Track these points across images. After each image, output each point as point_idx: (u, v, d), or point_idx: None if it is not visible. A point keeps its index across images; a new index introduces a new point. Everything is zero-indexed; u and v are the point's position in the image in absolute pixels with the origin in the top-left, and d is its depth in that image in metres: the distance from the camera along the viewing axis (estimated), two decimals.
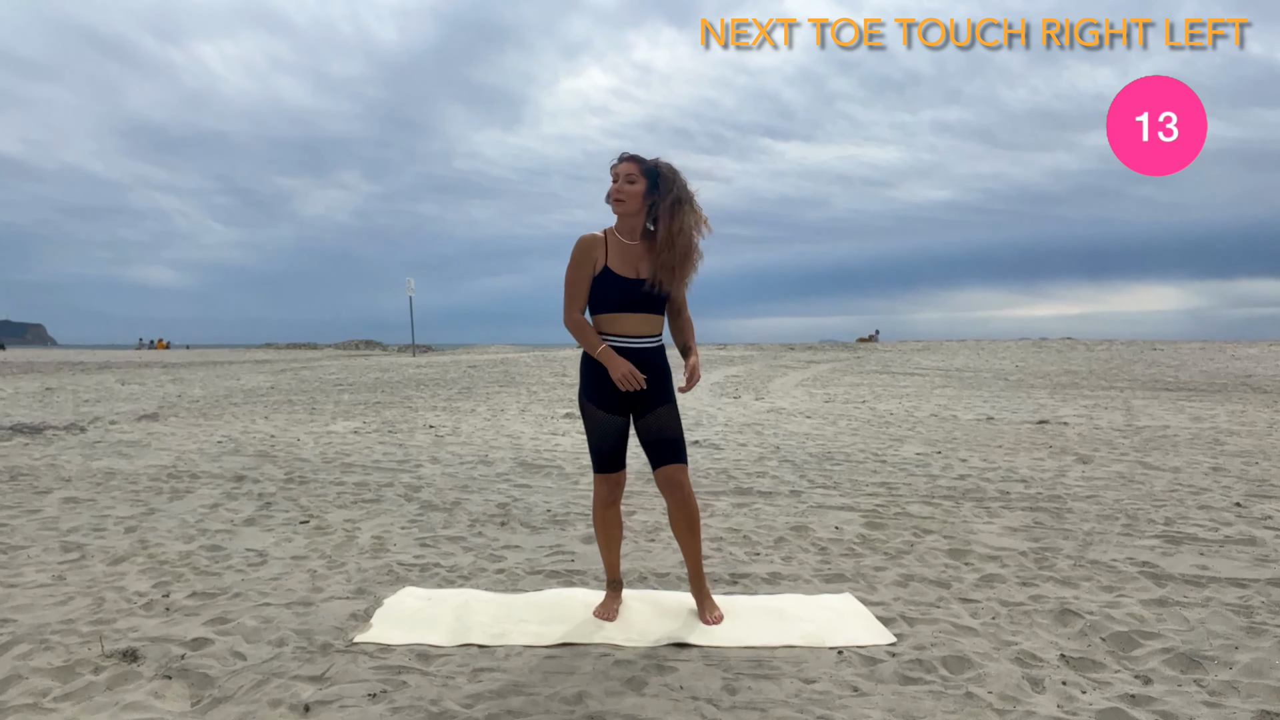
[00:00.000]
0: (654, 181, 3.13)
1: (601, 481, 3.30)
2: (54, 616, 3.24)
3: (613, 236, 3.19)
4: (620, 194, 3.13)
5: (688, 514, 3.26)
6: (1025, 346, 31.30)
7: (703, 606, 3.30)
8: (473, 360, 25.94)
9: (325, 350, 46.83)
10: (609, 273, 3.13)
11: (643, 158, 3.15)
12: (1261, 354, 24.08)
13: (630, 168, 3.13)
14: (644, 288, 3.13)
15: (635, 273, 3.15)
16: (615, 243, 3.17)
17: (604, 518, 3.34)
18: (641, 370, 3.13)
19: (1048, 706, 2.52)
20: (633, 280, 3.13)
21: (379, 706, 2.51)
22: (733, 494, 5.66)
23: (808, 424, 9.72)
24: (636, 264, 3.16)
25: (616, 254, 3.15)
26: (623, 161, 3.15)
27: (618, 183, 3.13)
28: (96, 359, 32.68)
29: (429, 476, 6.29)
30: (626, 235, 3.18)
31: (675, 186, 3.13)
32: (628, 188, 3.12)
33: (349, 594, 3.56)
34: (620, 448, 3.27)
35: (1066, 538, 4.49)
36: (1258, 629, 3.13)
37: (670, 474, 3.22)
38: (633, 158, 3.15)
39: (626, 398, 3.19)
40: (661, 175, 3.13)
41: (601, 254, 3.16)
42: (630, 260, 3.16)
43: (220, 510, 5.13)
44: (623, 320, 3.15)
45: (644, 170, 3.13)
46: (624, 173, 3.14)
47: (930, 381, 16.90)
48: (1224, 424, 9.46)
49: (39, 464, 6.73)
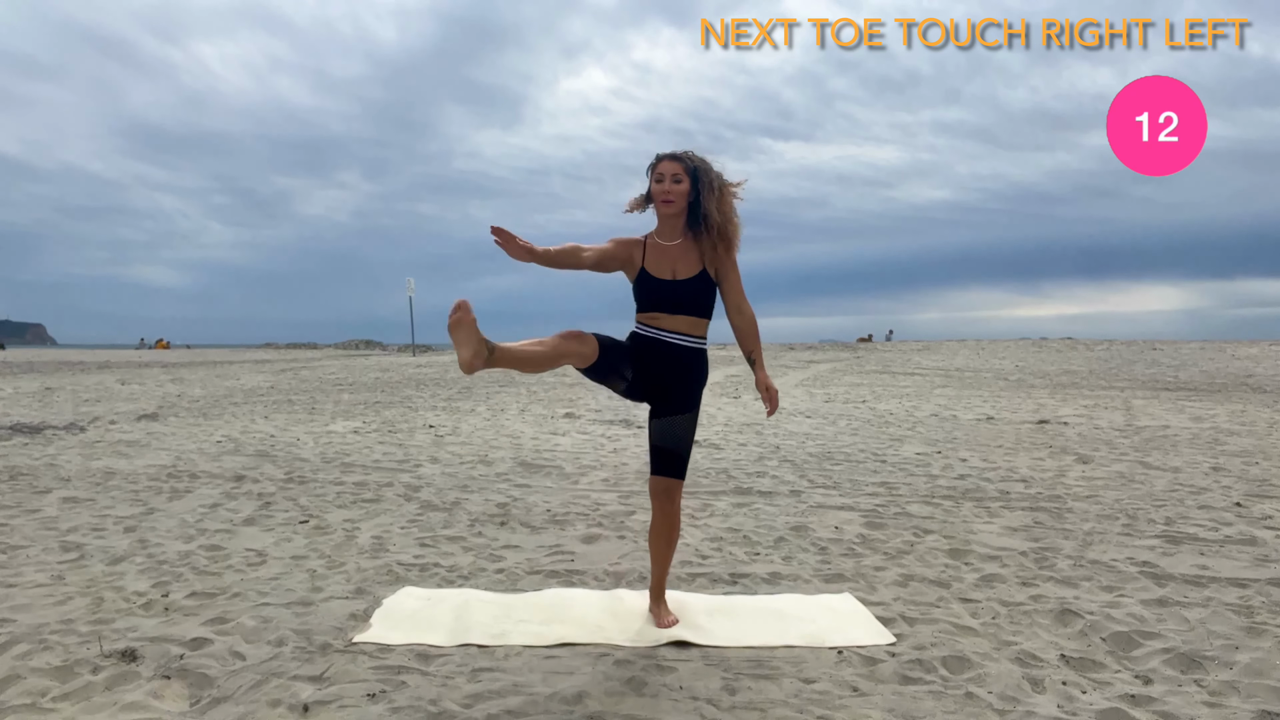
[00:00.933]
0: (695, 178, 3.08)
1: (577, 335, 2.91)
2: (53, 616, 3.23)
3: (651, 240, 3.16)
4: (670, 195, 3.06)
5: (669, 526, 3.19)
6: (1025, 346, 31.31)
7: (659, 610, 3.25)
8: None
9: (325, 350, 46.83)
10: (645, 275, 3.11)
11: (681, 155, 3.09)
12: (1261, 354, 24.08)
13: (676, 167, 3.07)
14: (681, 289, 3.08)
15: (672, 274, 3.10)
16: (653, 245, 3.14)
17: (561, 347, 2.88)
18: (669, 363, 3.08)
19: (1048, 706, 2.52)
20: (669, 282, 3.09)
21: (378, 706, 2.51)
22: (733, 494, 5.66)
23: (808, 424, 9.72)
24: (674, 265, 3.11)
25: (654, 257, 3.12)
26: (665, 161, 3.09)
27: (664, 184, 3.06)
28: (96, 359, 32.68)
29: (429, 476, 6.29)
30: (666, 237, 3.14)
31: (713, 176, 3.09)
32: (675, 188, 3.06)
33: (348, 594, 3.56)
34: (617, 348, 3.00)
35: (1066, 538, 4.49)
36: (1258, 629, 3.13)
37: (666, 486, 3.15)
38: (673, 157, 3.09)
39: (648, 390, 3.12)
40: (699, 170, 3.08)
41: (639, 255, 3.14)
42: (667, 262, 3.11)
43: (220, 510, 5.13)
44: (662, 319, 3.10)
45: (686, 169, 3.07)
46: (670, 173, 3.06)
47: (930, 381, 16.90)
48: (1224, 424, 9.46)
49: (38, 464, 6.73)
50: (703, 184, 3.07)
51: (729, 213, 3.09)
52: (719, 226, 3.06)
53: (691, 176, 3.08)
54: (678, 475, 3.16)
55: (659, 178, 3.08)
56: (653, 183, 3.11)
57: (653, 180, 3.11)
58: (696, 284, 3.11)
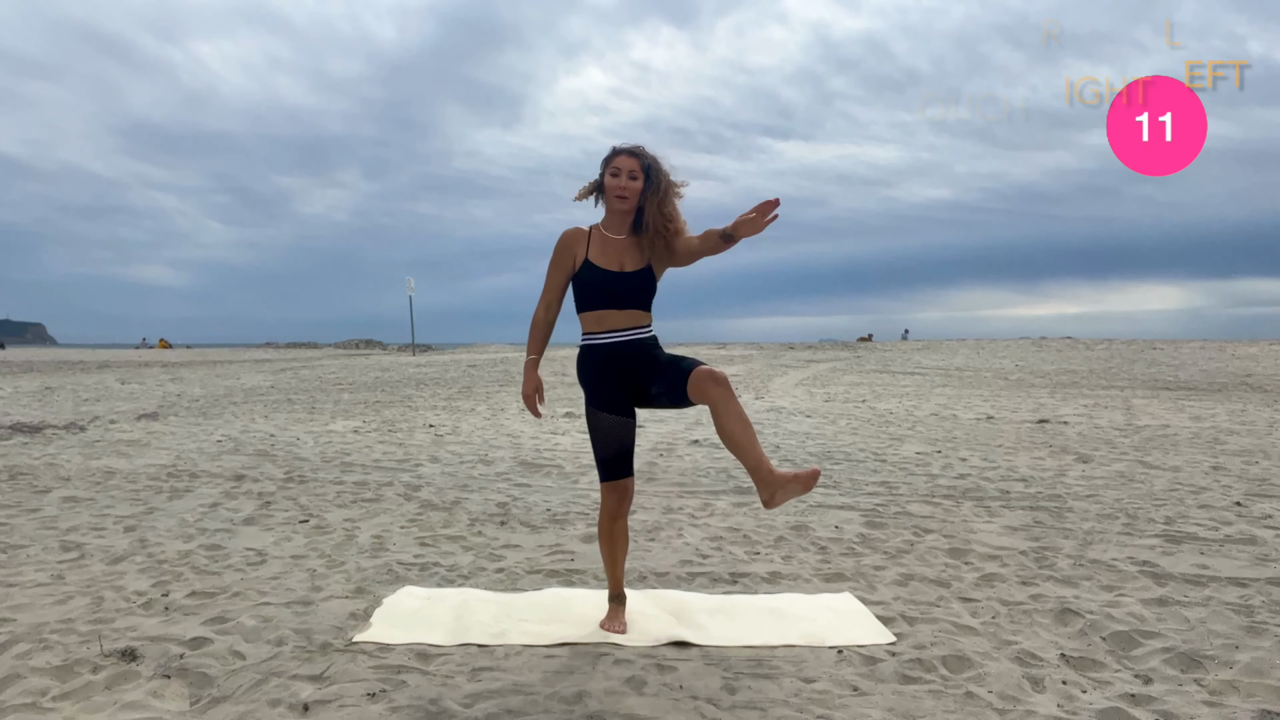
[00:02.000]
0: (648, 175, 3.07)
1: (609, 490, 3.11)
2: (53, 616, 3.23)
3: (597, 231, 3.14)
4: (625, 191, 3.05)
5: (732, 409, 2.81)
6: (1025, 346, 31.30)
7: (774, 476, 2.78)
8: (473, 359, 25.93)
9: (325, 349, 46.83)
10: (589, 265, 3.08)
11: (638, 151, 3.08)
12: (1261, 354, 24.07)
13: (633, 163, 3.06)
14: (627, 281, 3.07)
15: (620, 266, 3.08)
16: (599, 237, 3.13)
17: (610, 531, 3.16)
18: (635, 360, 3.07)
19: (1048, 706, 2.52)
20: (615, 273, 3.07)
21: (378, 706, 2.51)
22: (733, 494, 5.66)
23: (808, 423, 9.72)
24: (621, 257, 3.09)
25: (599, 248, 3.10)
26: (622, 156, 3.07)
27: (620, 179, 3.05)
28: (97, 358, 32.68)
29: (429, 476, 6.29)
30: (614, 230, 3.13)
31: (662, 177, 3.08)
32: (631, 184, 3.05)
33: (348, 593, 3.56)
34: (626, 452, 3.11)
35: (1066, 537, 4.49)
36: (1258, 628, 3.13)
37: (703, 374, 2.84)
38: (631, 152, 3.07)
39: (627, 394, 3.11)
40: (652, 168, 3.07)
41: (582, 249, 3.11)
42: (614, 254, 3.10)
43: (220, 509, 5.13)
44: (609, 317, 3.08)
45: (642, 166, 3.06)
46: (627, 169, 3.05)
47: (930, 381, 16.90)
48: (1224, 423, 9.46)
49: (38, 463, 6.73)
50: (650, 184, 3.07)
51: (671, 212, 3.08)
52: (659, 226, 3.05)
53: (645, 174, 3.07)
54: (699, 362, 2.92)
55: (614, 171, 3.06)
56: (608, 175, 3.08)
57: (608, 173, 3.08)
58: (642, 277, 3.10)
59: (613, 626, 3.17)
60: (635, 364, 3.08)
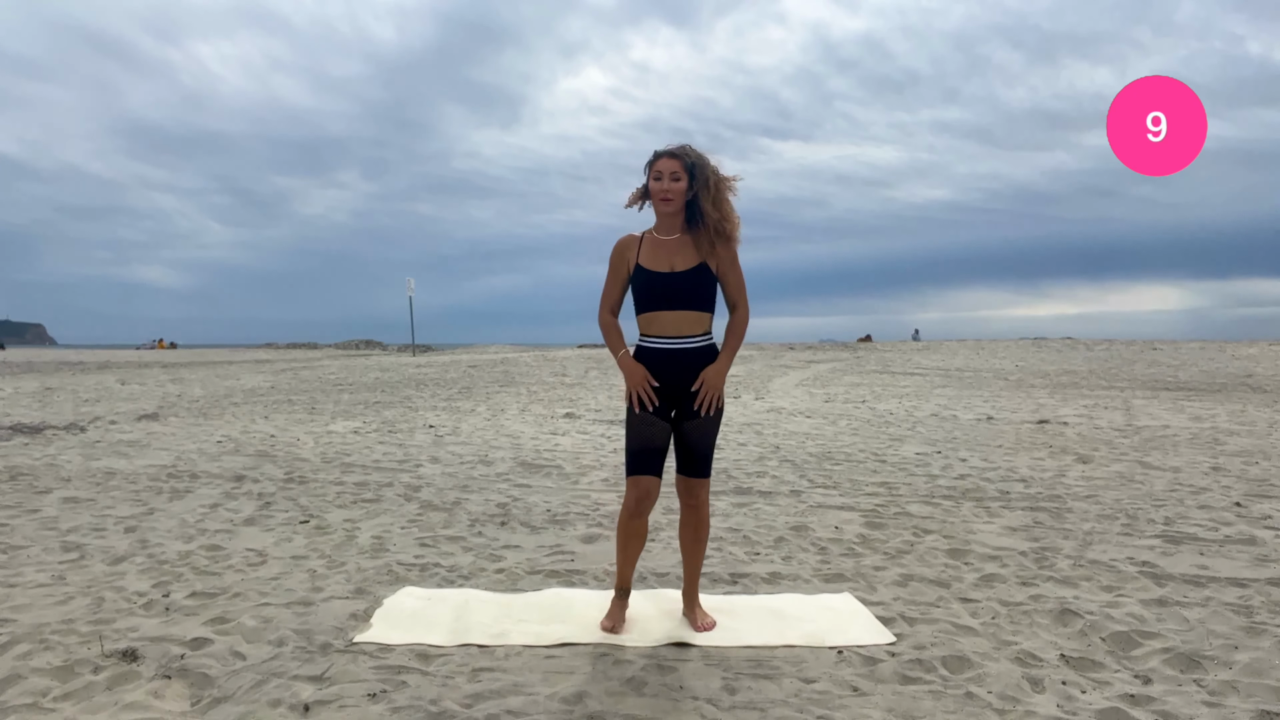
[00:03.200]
0: (692, 174, 3.07)
1: (632, 485, 3.10)
2: (54, 616, 3.23)
3: (649, 236, 3.16)
4: (669, 193, 3.05)
5: (698, 522, 3.22)
6: (1025, 346, 31.30)
7: (694, 614, 3.24)
8: (473, 360, 25.93)
9: (325, 350, 46.82)
10: (641, 269, 3.10)
11: (679, 152, 3.08)
12: (1261, 354, 24.07)
13: (674, 164, 3.06)
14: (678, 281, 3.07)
15: (670, 267, 3.09)
16: (650, 240, 3.15)
17: (629, 528, 3.16)
18: (683, 373, 3.07)
19: (1048, 706, 2.52)
20: (666, 274, 3.08)
21: (379, 706, 2.51)
22: (733, 494, 5.66)
23: (808, 424, 9.72)
24: (671, 259, 3.09)
25: (649, 251, 3.12)
26: (663, 159, 3.07)
27: (662, 181, 3.06)
28: (97, 359, 32.68)
29: (429, 476, 6.29)
30: (664, 232, 3.14)
31: (709, 172, 3.08)
32: (674, 186, 3.06)
33: (349, 594, 3.56)
34: (658, 452, 3.11)
35: (1066, 537, 4.49)
36: (1257, 629, 3.13)
37: (693, 486, 3.19)
38: (672, 154, 3.07)
39: (671, 400, 3.11)
40: (697, 166, 3.07)
41: (634, 254, 3.14)
42: (664, 255, 3.10)
43: (220, 510, 5.13)
44: (660, 319, 3.09)
45: (684, 166, 3.06)
46: (668, 171, 3.05)
47: (930, 381, 16.89)
48: (1224, 424, 9.46)
49: (39, 464, 6.73)
50: (698, 181, 3.06)
51: (725, 209, 3.09)
52: (715, 223, 3.06)
53: (689, 173, 3.07)
54: (704, 474, 3.18)
55: (657, 175, 3.08)
56: (651, 180, 3.10)
57: (651, 178, 3.10)
58: (695, 276, 3.08)
59: (610, 625, 3.17)
60: (684, 377, 3.09)
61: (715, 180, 3.09)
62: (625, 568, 3.25)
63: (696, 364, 3.09)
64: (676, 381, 3.09)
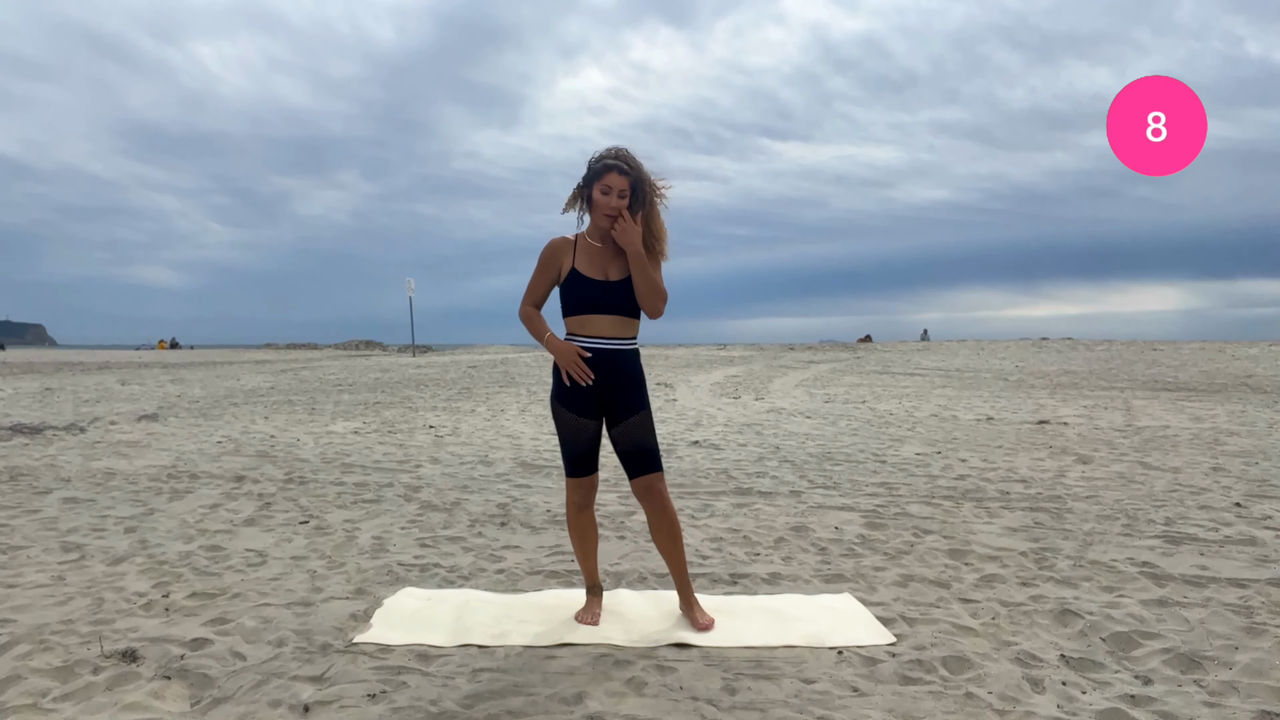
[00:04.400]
0: (635, 192, 3.08)
1: (574, 486, 3.25)
2: (54, 617, 3.24)
3: (583, 240, 3.18)
4: (614, 210, 3.06)
5: (667, 521, 3.20)
6: (1025, 346, 31.30)
7: (692, 614, 3.24)
8: (473, 360, 25.92)
9: (325, 350, 46.82)
10: (576, 274, 3.12)
11: (628, 169, 3.06)
12: (1261, 354, 24.07)
13: (623, 182, 3.05)
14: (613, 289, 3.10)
15: (604, 275, 3.12)
16: (585, 246, 3.16)
17: (578, 522, 3.30)
18: (611, 373, 3.11)
19: (1048, 707, 2.52)
20: (601, 282, 3.11)
21: (379, 707, 2.51)
22: (733, 494, 5.66)
23: (808, 424, 9.72)
24: (606, 267, 3.13)
25: (585, 257, 3.14)
26: (613, 174, 3.05)
27: (610, 197, 3.05)
28: (97, 359, 32.68)
29: (429, 477, 6.29)
30: (599, 239, 3.16)
31: (647, 189, 3.10)
32: (620, 203, 3.06)
33: (349, 594, 3.56)
34: (592, 452, 3.23)
35: (1066, 538, 4.49)
36: (1258, 629, 3.13)
37: (648, 483, 3.17)
38: (622, 171, 3.05)
39: (597, 401, 3.15)
40: (637, 183, 3.07)
41: (569, 259, 3.15)
42: (599, 263, 3.13)
43: (220, 510, 5.13)
44: (593, 322, 3.12)
45: (630, 182, 3.07)
46: (618, 188, 3.05)
47: (930, 381, 16.89)
48: (1224, 424, 9.46)
49: (39, 464, 6.73)
50: (635, 198, 3.08)
51: (656, 227, 3.13)
52: (645, 240, 3.10)
53: (633, 190, 3.08)
54: (655, 468, 3.18)
55: (605, 189, 3.06)
56: (598, 192, 3.07)
57: (598, 190, 3.07)
58: (627, 286, 3.12)
59: (586, 618, 3.23)
60: (612, 378, 3.13)
61: (649, 195, 3.11)
62: (588, 563, 3.35)
63: (624, 366, 3.14)
64: (607, 382, 3.12)
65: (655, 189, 3.13)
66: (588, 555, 3.34)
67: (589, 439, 3.21)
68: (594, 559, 3.36)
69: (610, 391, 3.14)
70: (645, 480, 3.17)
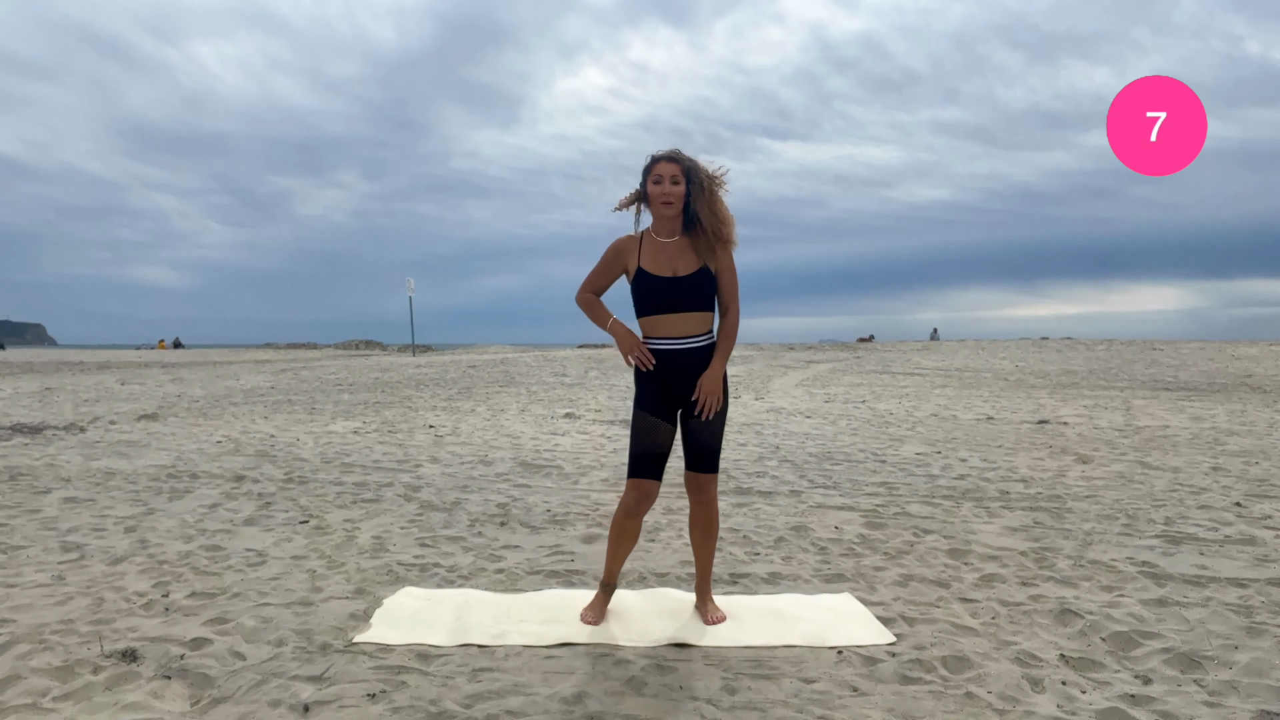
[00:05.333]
0: (689, 178, 3.09)
1: (634, 487, 3.16)
2: (53, 616, 3.23)
3: (648, 238, 3.17)
4: (670, 196, 3.07)
5: (708, 518, 3.25)
6: (1025, 346, 31.30)
7: (706, 609, 3.29)
8: (472, 360, 25.92)
9: (325, 350, 46.81)
10: (644, 274, 3.11)
11: (676, 155, 3.10)
12: (1261, 354, 24.07)
13: (674, 169, 3.07)
14: (682, 285, 3.09)
15: (672, 271, 3.10)
16: (650, 243, 3.15)
17: (624, 527, 3.23)
18: (694, 371, 3.10)
19: (1048, 706, 2.52)
20: (669, 279, 3.09)
21: (378, 706, 2.51)
22: (733, 494, 5.66)
23: (808, 424, 9.72)
24: (673, 263, 3.11)
25: (650, 255, 3.13)
26: (663, 162, 3.09)
27: (663, 185, 3.07)
28: (96, 359, 32.68)
29: (429, 476, 6.29)
30: (664, 235, 3.14)
31: (702, 175, 3.10)
32: (675, 189, 3.07)
33: (348, 594, 3.56)
34: (661, 456, 3.16)
35: (1066, 538, 4.49)
36: (1258, 629, 3.13)
37: (702, 481, 3.21)
38: (670, 158, 3.09)
39: (676, 400, 3.14)
40: (691, 170, 3.09)
41: (634, 258, 3.15)
42: (666, 259, 3.12)
43: (220, 510, 5.13)
44: (666, 322, 3.11)
45: (683, 169, 3.08)
46: (669, 174, 3.07)
47: (930, 381, 16.89)
48: (1224, 424, 9.46)
49: (39, 464, 6.73)
50: (694, 185, 3.09)
51: (721, 212, 3.12)
52: (713, 227, 3.09)
53: (686, 176, 3.09)
54: (713, 470, 3.21)
55: (657, 179, 3.09)
56: (650, 184, 3.11)
57: (650, 181, 3.11)
58: (698, 279, 3.11)
59: (589, 616, 3.24)
60: (689, 376, 3.12)
61: (709, 183, 3.11)
62: (615, 563, 3.32)
63: (703, 362, 3.13)
64: (684, 381, 3.12)
65: (715, 179, 3.13)
66: (619, 558, 3.31)
67: (662, 441, 3.16)
68: (621, 562, 3.33)
69: (684, 388, 3.12)
70: (701, 478, 3.20)
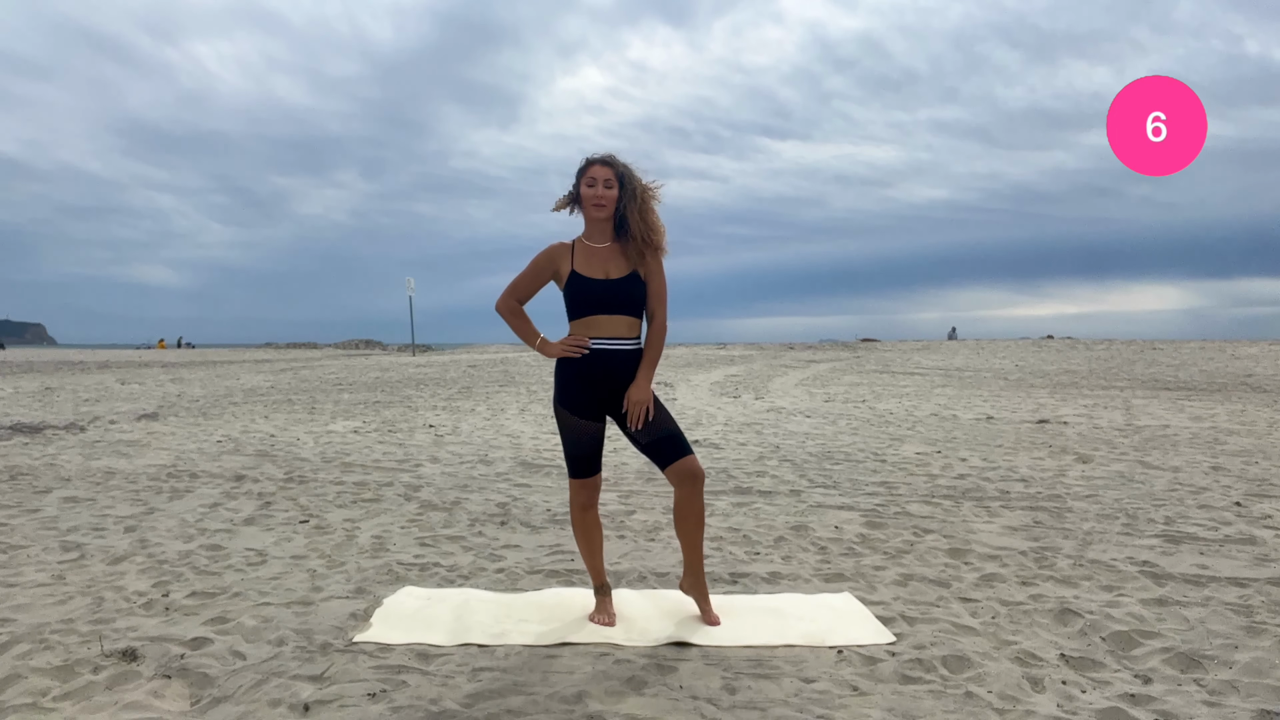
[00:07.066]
0: (622, 183, 3.14)
1: (578, 488, 3.25)
2: (53, 616, 3.24)
3: (580, 244, 3.20)
4: (602, 199, 3.11)
5: (699, 508, 3.19)
6: (1025, 346, 31.30)
7: (705, 607, 3.28)
8: (472, 360, 25.92)
9: (325, 350, 46.82)
10: (576, 276, 3.14)
11: (610, 160, 3.14)
12: (1261, 354, 24.07)
13: (607, 172, 3.12)
14: (614, 288, 3.12)
15: (605, 274, 3.14)
16: (582, 248, 3.19)
17: (583, 522, 3.30)
18: (619, 374, 3.13)
19: (1048, 706, 2.52)
20: (602, 281, 3.13)
21: (379, 706, 2.51)
22: (733, 494, 5.66)
23: (808, 423, 9.72)
24: (605, 266, 3.15)
25: (583, 259, 3.16)
26: (596, 165, 3.13)
27: (596, 188, 3.11)
28: (96, 359, 32.68)
29: (429, 476, 6.29)
30: (596, 240, 3.19)
31: (636, 183, 3.14)
32: (607, 193, 3.12)
33: (349, 594, 3.56)
34: (595, 453, 3.24)
35: (1066, 537, 4.49)
36: (1257, 628, 3.13)
37: (686, 466, 3.12)
38: (604, 162, 3.14)
39: (603, 403, 3.17)
40: (625, 175, 3.14)
41: (566, 263, 3.17)
42: (598, 262, 3.15)
43: (220, 510, 5.13)
44: (599, 322, 3.14)
45: (616, 174, 3.13)
46: (602, 178, 3.11)
47: (930, 381, 16.90)
48: (1224, 423, 9.46)
49: (39, 463, 6.73)
50: (626, 190, 3.13)
51: (651, 219, 3.15)
52: (643, 233, 3.12)
53: (619, 181, 3.13)
54: (688, 451, 3.17)
55: (590, 181, 3.13)
56: (584, 186, 3.14)
57: (584, 184, 3.14)
58: (628, 283, 3.14)
59: (601, 618, 3.23)
60: (616, 379, 3.15)
61: (641, 191, 3.14)
62: (595, 561, 3.34)
63: (629, 367, 3.16)
64: (614, 384, 3.14)
65: (647, 190, 3.17)
66: (593, 554, 3.34)
67: (592, 440, 3.22)
68: (600, 558, 3.36)
69: (617, 393, 3.15)
70: (682, 464, 3.12)
